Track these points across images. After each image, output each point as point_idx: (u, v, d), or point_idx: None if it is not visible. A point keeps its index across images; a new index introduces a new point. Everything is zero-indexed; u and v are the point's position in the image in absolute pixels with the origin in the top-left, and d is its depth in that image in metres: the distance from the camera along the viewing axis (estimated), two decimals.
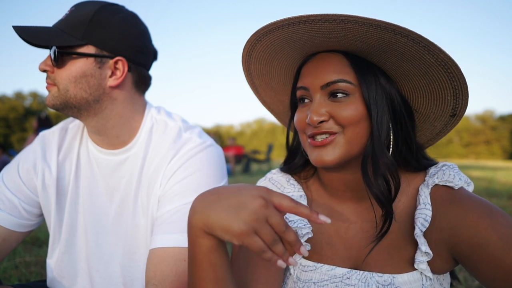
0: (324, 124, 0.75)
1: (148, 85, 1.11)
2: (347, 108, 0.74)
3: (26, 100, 52.77)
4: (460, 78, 0.72)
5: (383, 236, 0.75)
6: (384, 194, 0.74)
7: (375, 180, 0.74)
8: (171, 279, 0.87)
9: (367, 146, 0.76)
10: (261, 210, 0.57)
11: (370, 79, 0.76)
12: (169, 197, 0.96)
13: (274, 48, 0.81)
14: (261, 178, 0.96)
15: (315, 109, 0.75)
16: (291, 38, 0.76)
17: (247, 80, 0.92)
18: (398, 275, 0.76)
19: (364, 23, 0.67)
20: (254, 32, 0.77)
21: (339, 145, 0.74)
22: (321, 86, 0.76)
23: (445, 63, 0.70)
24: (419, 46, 0.68)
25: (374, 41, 0.71)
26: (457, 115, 0.80)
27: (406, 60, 0.73)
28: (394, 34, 0.67)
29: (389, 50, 0.72)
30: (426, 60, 0.71)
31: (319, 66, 0.78)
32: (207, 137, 1.08)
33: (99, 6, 0.98)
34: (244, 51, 0.83)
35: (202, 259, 0.62)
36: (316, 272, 0.81)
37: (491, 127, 56.74)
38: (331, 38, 0.73)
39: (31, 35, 0.94)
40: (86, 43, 0.96)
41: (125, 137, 1.05)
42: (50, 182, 1.05)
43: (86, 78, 0.97)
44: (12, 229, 1.02)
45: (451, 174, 0.77)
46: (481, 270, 0.68)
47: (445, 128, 0.86)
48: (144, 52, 1.05)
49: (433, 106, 0.80)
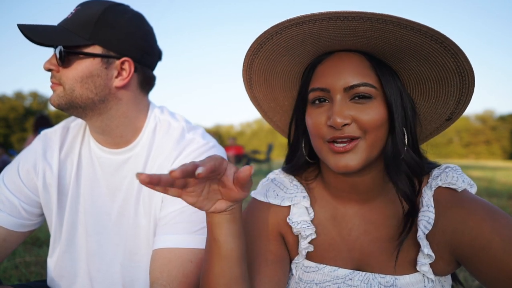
0: (346, 128, 0.72)
1: (152, 86, 1.11)
2: (370, 112, 0.72)
3: (26, 100, 52.78)
4: (471, 85, 0.72)
5: (407, 234, 0.74)
6: (410, 191, 0.74)
7: (400, 178, 0.74)
8: (179, 280, 0.87)
9: (386, 148, 0.76)
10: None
11: (391, 83, 0.75)
12: (173, 198, 0.95)
13: (293, 42, 0.76)
14: (261, 178, 0.96)
15: (339, 111, 0.71)
16: (319, 34, 0.73)
17: (243, 74, 0.87)
18: (400, 276, 0.76)
19: (406, 26, 0.65)
20: (277, 23, 0.72)
21: (361, 150, 0.72)
22: (344, 88, 0.73)
23: (464, 70, 0.70)
24: (448, 53, 0.68)
25: (406, 44, 0.70)
26: (452, 119, 0.80)
27: (427, 65, 0.72)
28: (430, 40, 0.67)
29: (415, 54, 0.71)
30: (447, 66, 0.70)
31: (341, 67, 0.75)
32: (210, 137, 1.07)
33: (106, 6, 0.98)
34: (256, 43, 0.77)
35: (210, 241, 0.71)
36: (318, 273, 0.81)
37: (491, 127, 56.74)
38: (363, 38, 0.71)
39: (38, 34, 0.93)
40: (93, 43, 0.95)
41: (129, 136, 1.05)
42: (51, 181, 1.05)
43: (92, 78, 0.96)
44: (12, 229, 1.02)
45: (454, 176, 0.76)
46: (483, 272, 0.68)
47: (435, 131, 0.86)
48: (149, 52, 1.05)
49: (434, 109, 0.80)
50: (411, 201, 0.74)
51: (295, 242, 0.86)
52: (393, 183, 0.75)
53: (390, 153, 0.75)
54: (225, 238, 0.69)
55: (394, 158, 0.75)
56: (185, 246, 0.90)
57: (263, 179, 0.95)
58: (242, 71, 0.86)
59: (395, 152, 0.75)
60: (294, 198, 0.86)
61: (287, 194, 0.87)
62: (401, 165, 0.74)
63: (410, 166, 0.75)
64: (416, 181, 0.76)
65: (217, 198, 0.66)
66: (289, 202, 0.86)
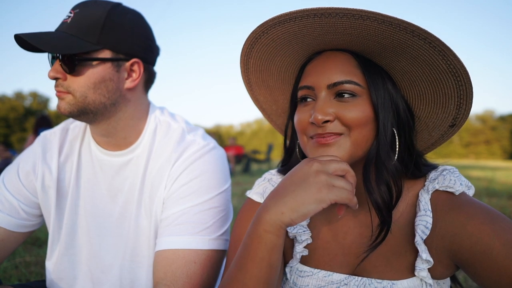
0: (328, 125, 0.72)
1: (153, 83, 1.11)
2: (353, 109, 0.72)
3: (26, 100, 52.76)
4: (468, 87, 0.70)
5: (378, 245, 0.72)
6: (385, 202, 0.72)
7: (377, 186, 0.72)
8: (183, 280, 0.87)
9: (370, 150, 0.74)
10: (322, 165, 0.67)
11: (378, 82, 0.74)
12: (175, 199, 0.96)
13: (280, 42, 0.76)
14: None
15: (320, 107, 0.72)
16: (301, 32, 0.72)
17: (242, 76, 0.87)
18: (397, 281, 0.74)
19: (383, 21, 0.64)
20: (261, 23, 0.72)
21: (344, 146, 0.72)
22: (327, 85, 0.73)
23: (457, 70, 0.68)
24: (435, 50, 0.66)
25: (389, 41, 0.68)
26: (456, 125, 0.78)
27: (417, 64, 0.71)
28: (412, 36, 0.65)
29: (402, 52, 0.70)
30: (438, 65, 0.69)
31: (326, 65, 0.75)
32: (210, 139, 1.07)
33: (109, 8, 0.96)
34: (247, 43, 0.78)
35: (263, 257, 0.64)
36: (312, 278, 0.80)
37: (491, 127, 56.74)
38: (344, 35, 0.70)
39: (43, 43, 0.88)
40: (102, 48, 0.94)
41: (132, 138, 1.05)
42: (50, 183, 1.05)
43: (105, 83, 0.95)
44: (11, 230, 1.02)
45: (451, 179, 0.74)
46: (484, 277, 0.66)
47: (441, 139, 0.84)
48: (152, 50, 1.05)
49: (434, 114, 0.79)
50: (382, 213, 0.72)
51: (290, 246, 0.85)
52: (366, 191, 0.73)
53: (371, 156, 0.73)
54: (277, 264, 0.68)
55: (376, 163, 0.73)
56: (188, 247, 0.90)
57: (259, 179, 0.94)
58: (240, 71, 0.86)
59: (377, 155, 0.73)
60: None
61: None
62: (382, 171, 0.72)
63: (391, 173, 0.73)
64: (395, 191, 0.73)
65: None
66: None
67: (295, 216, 0.64)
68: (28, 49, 0.94)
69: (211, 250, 0.93)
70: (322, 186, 0.64)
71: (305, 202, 0.63)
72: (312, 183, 0.64)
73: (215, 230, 0.95)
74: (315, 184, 0.64)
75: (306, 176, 0.66)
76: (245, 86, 0.90)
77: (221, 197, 1.00)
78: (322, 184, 0.64)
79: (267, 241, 0.65)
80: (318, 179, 0.64)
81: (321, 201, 0.63)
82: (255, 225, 0.67)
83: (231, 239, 0.86)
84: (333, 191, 0.64)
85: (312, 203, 0.63)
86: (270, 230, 0.64)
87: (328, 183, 0.64)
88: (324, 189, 0.64)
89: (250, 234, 0.67)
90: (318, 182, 0.64)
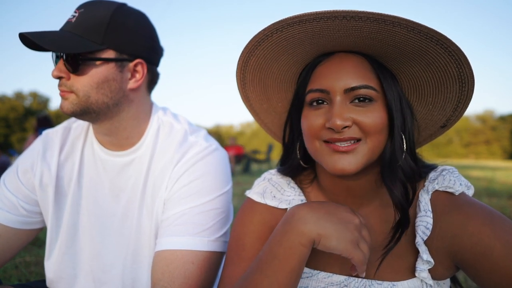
0: (347, 130, 0.70)
1: (156, 84, 1.11)
2: (370, 115, 0.70)
3: (26, 100, 52.80)
4: (470, 93, 0.71)
5: (396, 243, 0.72)
6: (405, 199, 0.72)
7: (394, 185, 0.72)
8: (180, 281, 0.87)
9: (385, 153, 0.74)
10: (360, 225, 0.69)
11: (391, 87, 0.73)
12: (176, 200, 0.96)
13: (293, 41, 0.73)
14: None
15: (339, 113, 0.69)
16: (321, 33, 0.70)
17: (237, 73, 0.83)
18: (398, 282, 0.73)
19: (413, 29, 0.63)
20: (278, 21, 0.69)
21: (362, 153, 0.70)
22: (344, 89, 0.71)
23: (465, 77, 0.68)
24: (452, 58, 0.66)
25: (411, 48, 0.67)
26: (447, 126, 0.79)
27: (430, 70, 0.70)
28: (435, 44, 0.65)
29: (418, 58, 0.69)
30: (449, 71, 0.68)
31: (341, 68, 0.72)
32: (212, 140, 1.08)
33: (114, 8, 0.96)
34: (253, 41, 0.74)
35: (294, 268, 0.66)
36: (312, 279, 0.79)
37: (491, 127, 56.76)
38: (367, 39, 0.69)
39: (48, 42, 0.89)
40: (106, 48, 0.94)
41: (134, 138, 1.05)
42: (48, 181, 1.05)
43: (108, 83, 0.95)
44: (11, 226, 1.02)
45: (451, 180, 0.74)
46: (485, 278, 0.66)
47: (429, 138, 0.84)
48: (156, 51, 1.05)
49: (430, 116, 0.79)
50: (403, 210, 0.71)
51: None
52: (388, 190, 0.73)
53: (388, 159, 0.73)
54: (301, 274, 0.69)
55: (391, 164, 0.73)
56: (187, 248, 0.90)
57: (258, 178, 0.93)
58: (236, 69, 0.82)
59: (392, 158, 0.73)
60: (292, 201, 0.85)
61: (284, 196, 0.86)
62: (397, 172, 0.72)
63: (406, 174, 0.73)
64: (410, 190, 0.73)
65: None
66: (286, 205, 0.85)
67: (327, 243, 0.66)
68: (32, 48, 0.95)
69: (209, 251, 0.93)
70: (355, 239, 0.67)
71: (340, 239, 0.65)
72: (350, 231, 0.67)
73: (215, 231, 0.95)
74: (351, 235, 0.67)
75: (348, 222, 0.68)
76: (237, 82, 0.86)
77: (222, 199, 0.99)
78: (355, 238, 0.67)
79: (301, 253, 0.66)
80: (356, 233, 0.68)
81: (346, 250, 0.65)
82: (289, 234, 0.67)
83: (231, 238, 0.86)
84: (358, 250, 0.66)
85: (342, 244, 0.65)
86: (305, 243, 0.66)
87: (358, 242, 0.67)
88: (354, 243, 0.66)
89: (283, 243, 0.67)
90: (354, 235, 0.67)
